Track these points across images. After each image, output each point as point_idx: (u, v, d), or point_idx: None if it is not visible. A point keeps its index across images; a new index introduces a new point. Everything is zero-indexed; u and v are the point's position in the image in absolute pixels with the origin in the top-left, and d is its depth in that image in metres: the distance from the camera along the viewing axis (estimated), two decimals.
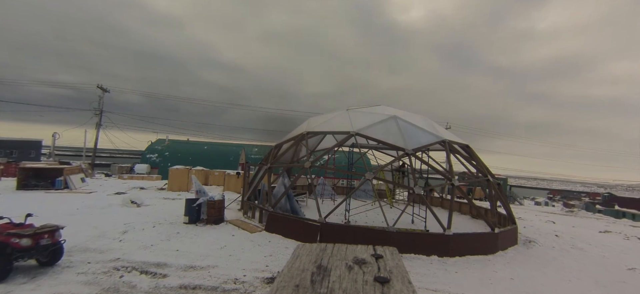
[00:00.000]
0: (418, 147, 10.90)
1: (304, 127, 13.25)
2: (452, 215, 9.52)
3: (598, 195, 61.96)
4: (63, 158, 41.04)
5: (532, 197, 57.19)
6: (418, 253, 8.61)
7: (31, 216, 6.45)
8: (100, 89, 35.99)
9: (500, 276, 7.53)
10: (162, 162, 38.21)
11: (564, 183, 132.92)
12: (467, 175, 14.30)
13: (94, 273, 6.15)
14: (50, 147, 37.22)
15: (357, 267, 1.45)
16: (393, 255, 1.64)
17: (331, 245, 1.78)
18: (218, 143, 47.76)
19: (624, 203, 32.75)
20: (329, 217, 9.62)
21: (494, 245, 9.48)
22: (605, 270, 8.53)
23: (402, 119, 11.88)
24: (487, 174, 11.95)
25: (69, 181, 17.89)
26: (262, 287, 6.03)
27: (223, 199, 11.25)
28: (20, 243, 5.65)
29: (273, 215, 10.35)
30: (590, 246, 11.25)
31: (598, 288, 7.20)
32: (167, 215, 11.72)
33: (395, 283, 1.28)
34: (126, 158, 58.49)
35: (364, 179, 10.34)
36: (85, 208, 12.23)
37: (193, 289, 5.75)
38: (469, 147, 12.87)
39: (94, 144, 36.31)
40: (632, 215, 26.23)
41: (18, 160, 32.94)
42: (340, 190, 20.97)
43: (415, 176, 12.18)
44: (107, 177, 29.50)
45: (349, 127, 11.32)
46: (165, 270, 6.52)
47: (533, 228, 14.38)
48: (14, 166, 23.74)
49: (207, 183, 24.52)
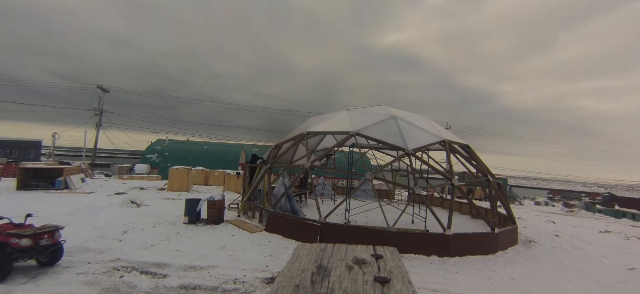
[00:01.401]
0: (418, 146, 10.90)
1: (304, 126, 13.25)
2: (452, 215, 9.52)
3: (598, 194, 61.96)
4: (63, 159, 41.03)
5: (532, 197, 57.20)
6: (418, 253, 8.61)
7: (31, 216, 6.45)
8: (100, 89, 35.98)
9: (500, 276, 7.53)
10: (162, 162, 38.20)
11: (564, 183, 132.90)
12: (467, 175, 14.29)
13: (94, 273, 6.15)
14: (50, 147, 37.19)
15: (357, 267, 1.45)
16: (393, 255, 1.64)
17: (331, 245, 1.78)
18: (218, 143, 47.75)
19: (624, 203, 32.73)
20: (329, 217, 9.62)
21: (494, 245, 9.48)
22: (605, 270, 8.52)
23: (402, 119, 11.88)
24: (487, 174, 11.95)
25: (69, 182, 17.89)
26: (262, 287, 6.03)
27: (223, 199, 11.25)
28: (20, 243, 5.65)
29: (273, 215, 10.35)
30: (590, 246, 11.24)
31: (598, 288, 7.20)
32: (167, 215, 11.73)
33: (395, 283, 1.28)
34: (126, 158, 58.50)
35: (364, 179, 10.33)
36: (85, 208, 12.22)
37: (193, 290, 5.75)
38: (469, 146, 12.88)
39: (94, 144, 36.30)
40: (632, 214, 26.22)
41: (18, 160, 32.93)
42: (340, 190, 20.98)
43: (415, 177, 12.18)
44: (107, 177, 29.48)
45: (349, 127, 11.33)
46: (165, 270, 6.52)
47: (533, 228, 14.37)
48: (13, 167, 23.73)
49: (207, 183, 24.56)
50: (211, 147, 44.78)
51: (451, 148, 11.68)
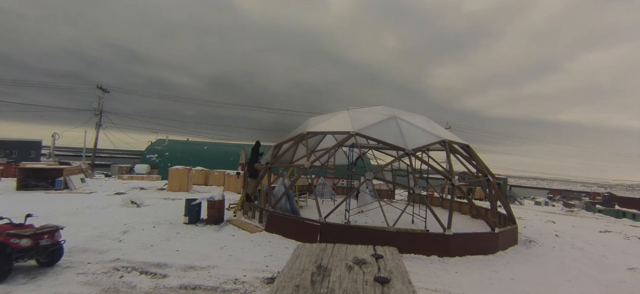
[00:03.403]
0: (418, 147, 10.90)
1: (304, 127, 13.25)
2: (452, 215, 9.51)
3: (598, 194, 61.96)
4: (63, 159, 41.06)
5: (532, 197, 57.24)
6: (418, 253, 8.61)
7: (31, 216, 6.45)
8: (100, 89, 35.99)
9: (501, 276, 7.53)
10: (162, 162, 38.22)
11: (564, 182, 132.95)
12: (467, 175, 14.29)
13: (94, 273, 6.15)
14: (50, 147, 37.18)
15: (357, 267, 1.45)
16: (393, 255, 1.64)
17: (331, 245, 1.78)
18: (218, 143, 47.77)
19: (624, 203, 32.75)
20: (329, 217, 9.62)
21: (494, 245, 9.48)
22: (605, 270, 8.52)
23: (402, 119, 11.89)
24: (487, 174, 11.95)
25: (69, 182, 17.89)
26: (262, 287, 6.03)
27: (223, 199, 11.26)
28: (20, 243, 5.65)
29: (273, 215, 10.35)
30: (591, 246, 11.25)
31: (598, 288, 7.20)
32: (167, 215, 11.73)
33: (395, 283, 1.28)
34: (126, 158, 58.54)
35: (364, 179, 10.33)
36: (85, 209, 12.22)
37: (193, 290, 5.75)
38: (469, 146, 12.88)
39: (94, 144, 36.30)
40: (632, 214, 26.24)
41: (18, 160, 32.95)
42: (340, 190, 20.98)
43: (416, 177, 12.18)
44: (107, 177, 29.49)
45: (349, 127, 11.33)
46: (165, 270, 6.52)
47: (533, 228, 14.37)
48: (13, 167, 23.71)
49: (207, 183, 24.57)
50: (211, 147, 44.79)
51: (451, 148, 11.68)
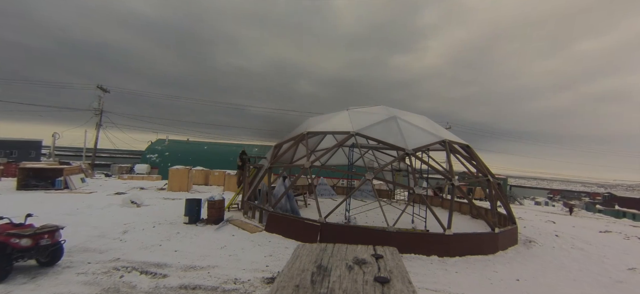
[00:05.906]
0: (418, 146, 10.90)
1: (304, 127, 13.25)
2: (452, 215, 9.51)
3: (598, 194, 61.95)
4: (63, 158, 41.04)
5: (532, 197, 57.24)
6: (418, 253, 8.61)
7: (31, 216, 6.45)
8: (101, 89, 35.98)
9: (501, 276, 7.53)
10: (162, 162, 38.20)
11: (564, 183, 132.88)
12: (467, 175, 14.29)
13: (94, 273, 6.15)
14: (50, 147, 37.17)
15: (357, 267, 1.45)
16: (393, 255, 1.64)
17: (331, 245, 1.78)
18: (218, 143, 47.75)
19: (624, 203, 32.76)
20: (329, 217, 9.62)
21: (494, 245, 9.48)
22: (605, 270, 8.52)
23: (402, 119, 11.88)
24: (487, 174, 11.95)
25: (69, 182, 17.89)
26: (262, 287, 6.03)
27: (223, 199, 11.26)
28: (20, 243, 5.65)
29: (273, 215, 10.35)
30: (591, 246, 11.25)
31: (598, 288, 7.20)
32: (167, 215, 11.73)
33: (395, 283, 1.28)
34: (126, 158, 58.52)
35: (364, 179, 10.33)
36: (85, 208, 12.22)
37: (193, 289, 5.75)
38: (469, 146, 12.88)
39: (94, 144, 36.30)
40: (632, 214, 26.25)
41: (18, 160, 32.96)
42: (340, 190, 20.98)
43: (416, 177, 12.17)
44: (107, 177, 29.50)
45: (349, 127, 11.32)
46: (165, 270, 6.52)
47: (533, 228, 14.37)
48: (14, 167, 23.73)
49: (207, 183, 24.57)
50: (211, 147, 44.77)
51: (451, 148, 11.68)
